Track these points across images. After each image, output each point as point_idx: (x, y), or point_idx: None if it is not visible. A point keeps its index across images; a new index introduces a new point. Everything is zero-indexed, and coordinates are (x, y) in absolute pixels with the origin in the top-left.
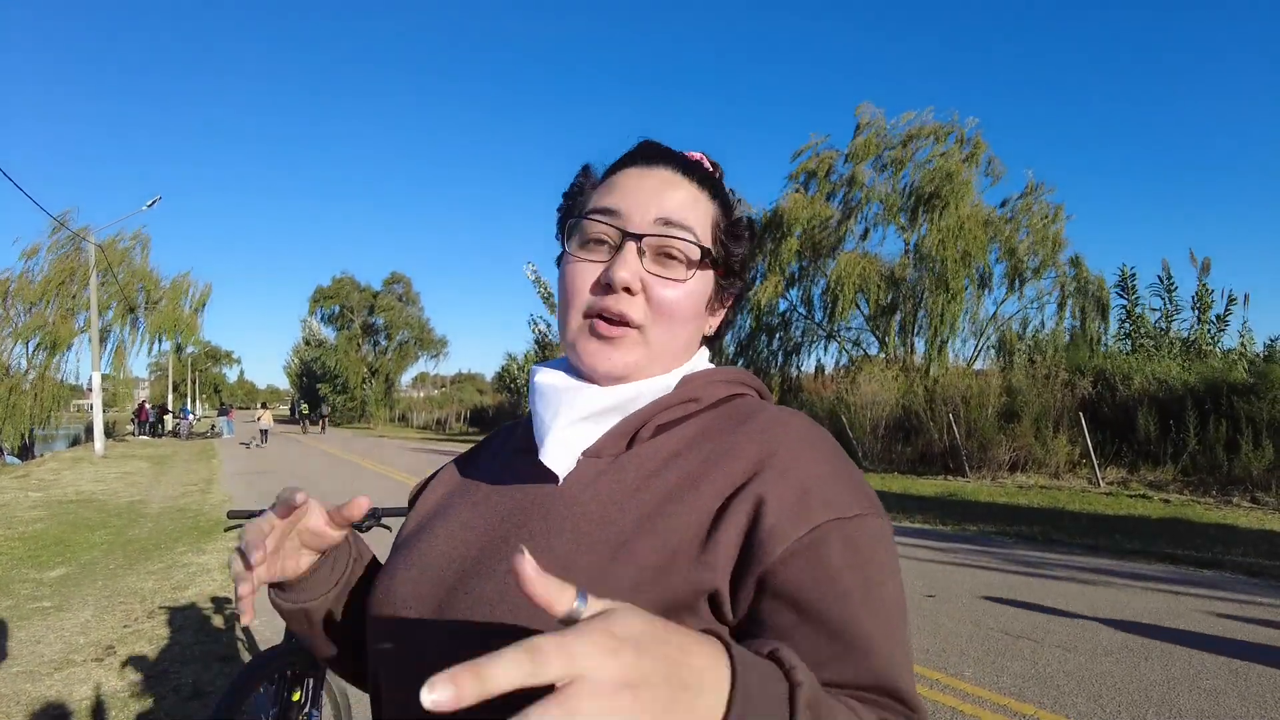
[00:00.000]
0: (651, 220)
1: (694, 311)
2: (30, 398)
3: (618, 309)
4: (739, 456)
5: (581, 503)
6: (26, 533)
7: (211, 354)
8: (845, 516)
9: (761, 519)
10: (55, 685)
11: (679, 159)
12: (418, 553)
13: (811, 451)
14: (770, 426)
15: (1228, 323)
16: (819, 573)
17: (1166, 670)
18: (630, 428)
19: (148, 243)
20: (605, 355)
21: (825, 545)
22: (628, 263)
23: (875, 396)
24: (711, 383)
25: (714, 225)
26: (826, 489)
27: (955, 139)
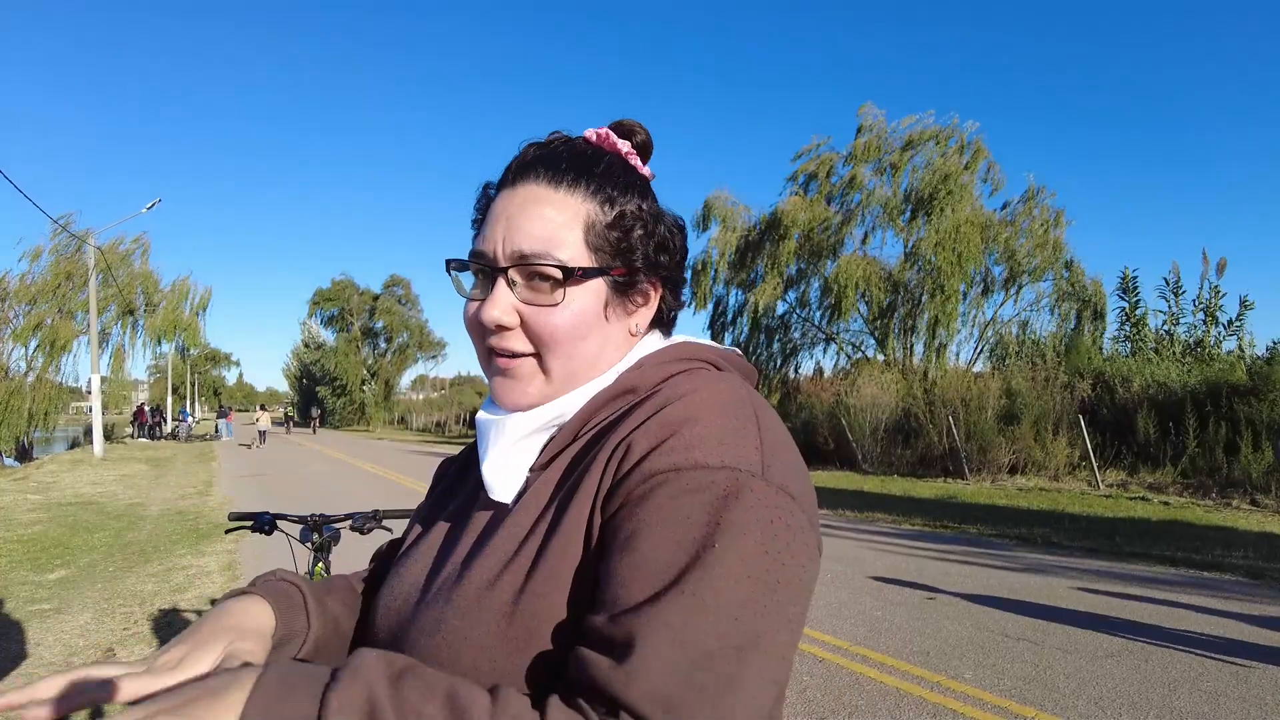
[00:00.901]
0: (509, 253)
1: (582, 329)
2: (29, 399)
3: (501, 345)
4: (629, 423)
5: (513, 515)
6: (26, 535)
7: (211, 356)
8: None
9: (620, 467)
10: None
11: (546, 166)
12: (396, 576)
13: (693, 405)
14: (673, 389)
15: (1240, 325)
16: (628, 526)
17: (1167, 672)
18: (570, 432)
19: (148, 246)
20: (508, 389)
21: (647, 498)
22: (497, 300)
23: (875, 399)
24: (650, 367)
25: (587, 229)
26: (681, 440)
27: (955, 143)
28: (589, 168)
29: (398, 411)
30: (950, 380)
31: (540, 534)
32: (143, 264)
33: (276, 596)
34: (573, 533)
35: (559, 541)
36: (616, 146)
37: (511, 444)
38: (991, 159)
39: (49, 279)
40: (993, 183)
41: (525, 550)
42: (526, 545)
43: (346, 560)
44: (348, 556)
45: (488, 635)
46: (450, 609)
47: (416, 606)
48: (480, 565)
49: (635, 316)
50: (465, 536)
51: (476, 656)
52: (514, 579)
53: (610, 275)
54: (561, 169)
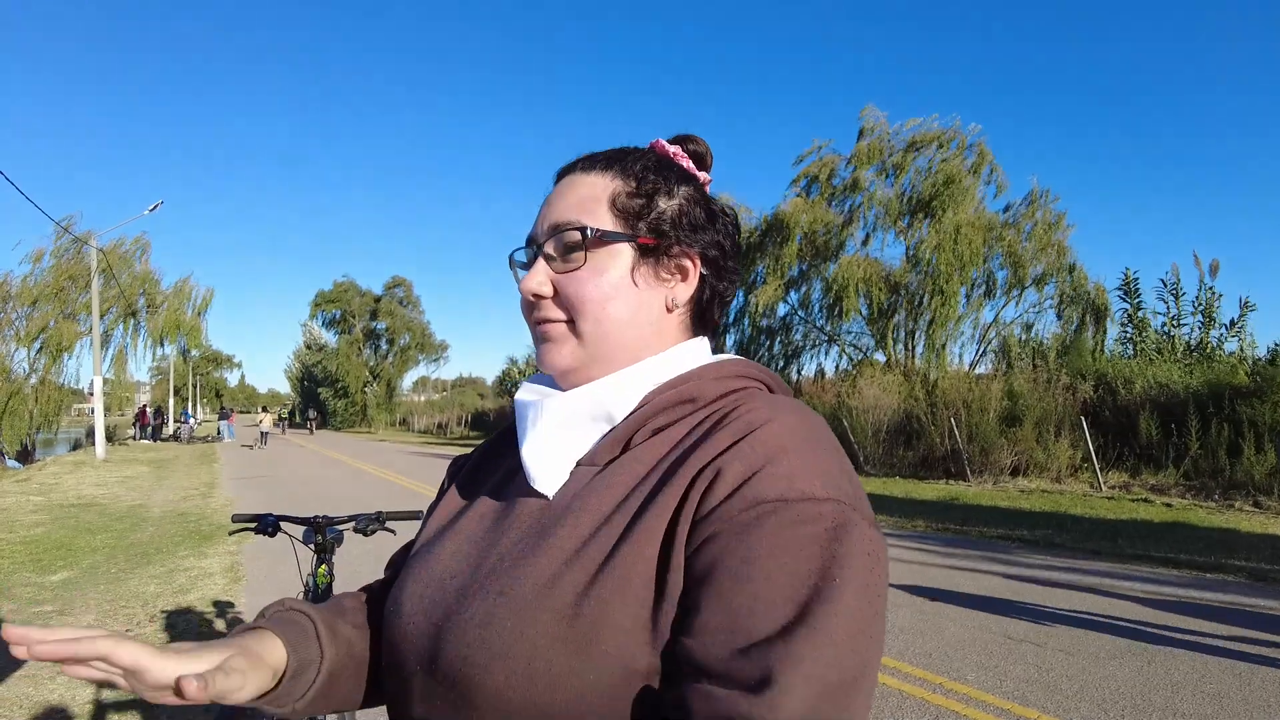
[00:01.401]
0: (546, 228)
1: (608, 289)
2: (31, 401)
3: (537, 315)
4: (713, 445)
5: (573, 514)
6: (28, 537)
7: (213, 358)
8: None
9: (706, 500)
10: (58, 689)
11: (585, 160)
12: (425, 566)
13: (785, 432)
14: (753, 413)
15: (1242, 327)
16: (735, 555)
17: (1169, 674)
18: (626, 432)
19: (147, 247)
20: (546, 352)
21: (756, 526)
22: (534, 272)
23: (876, 400)
24: (710, 379)
25: (611, 200)
26: (781, 468)
27: (958, 145)
28: (622, 156)
29: (399, 413)
30: (952, 382)
31: (608, 538)
32: (143, 265)
33: (286, 627)
34: (645, 544)
35: (630, 549)
36: (664, 148)
37: (553, 429)
38: (994, 162)
39: (51, 281)
40: (995, 185)
41: (589, 552)
42: (590, 547)
43: (350, 562)
44: (351, 558)
45: (544, 635)
46: (504, 603)
47: (460, 597)
48: (536, 561)
49: (672, 290)
50: (508, 527)
51: (531, 654)
52: (576, 580)
53: (635, 241)
54: (597, 159)
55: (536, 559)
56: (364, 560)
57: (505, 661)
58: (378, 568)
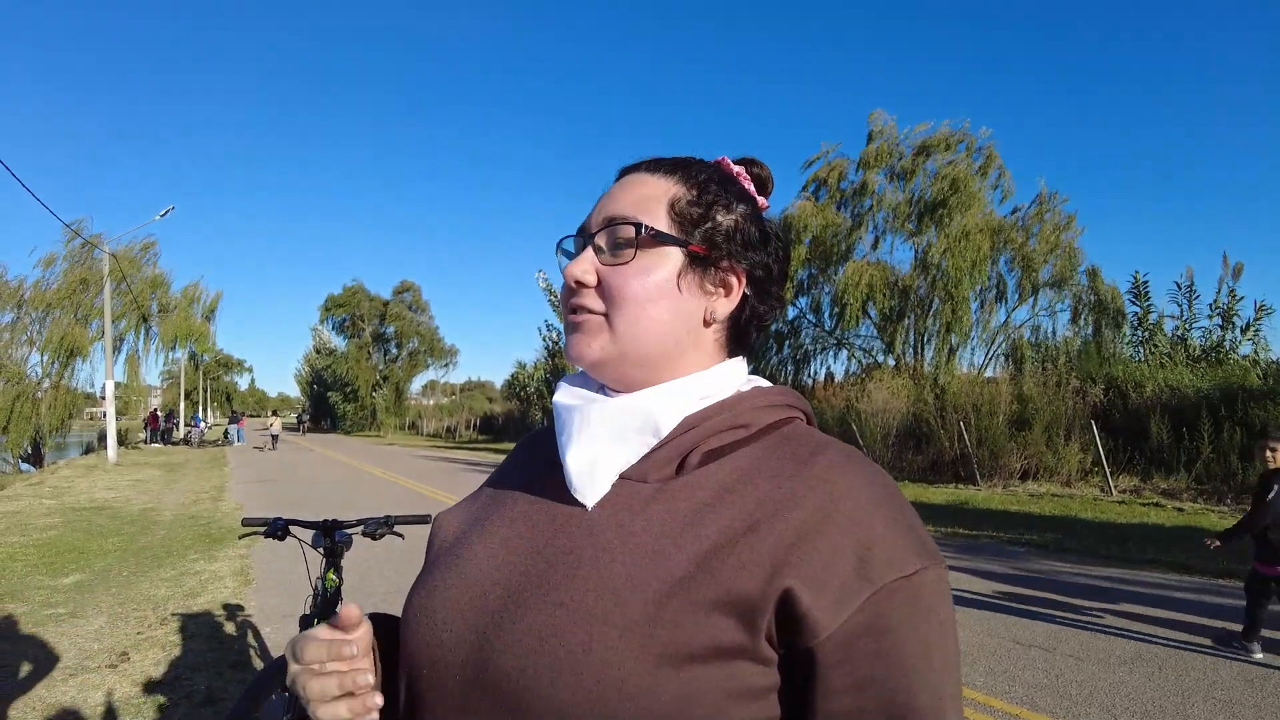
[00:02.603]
0: (600, 220)
1: (651, 291)
2: (44, 405)
3: (574, 301)
4: (799, 506)
5: (633, 532)
6: (41, 540)
7: (223, 362)
8: (907, 574)
9: (826, 578)
10: (69, 691)
11: (650, 162)
12: (456, 571)
13: (873, 502)
14: (832, 473)
15: (1256, 330)
16: (880, 643)
17: (1180, 680)
18: (677, 453)
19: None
20: (575, 343)
21: (887, 609)
22: (579, 259)
23: (886, 404)
24: (760, 407)
25: (672, 203)
26: (890, 545)
27: (966, 149)
28: (688, 164)
29: (408, 417)
30: (961, 385)
31: (679, 562)
32: (153, 269)
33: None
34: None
35: (708, 579)
36: (729, 165)
37: (599, 439)
38: (1002, 165)
39: (65, 285)
40: (1004, 189)
41: (658, 570)
42: (660, 566)
43: (358, 566)
44: (360, 562)
45: (615, 649)
46: (566, 615)
47: (510, 605)
48: (599, 574)
49: (713, 303)
50: (554, 535)
51: (603, 669)
52: (644, 595)
53: (687, 247)
54: (663, 163)
55: (597, 570)
56: (373, 564)
57: (574, 676)
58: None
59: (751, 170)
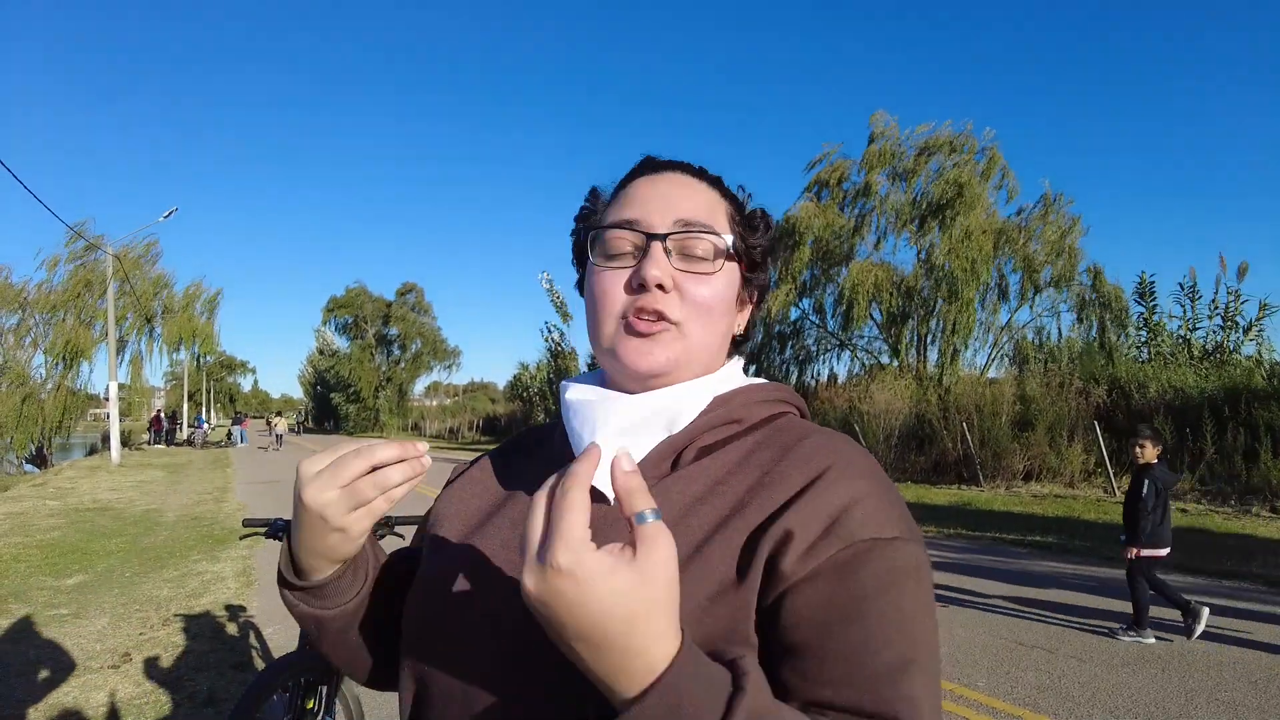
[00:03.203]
0: (671, 222)
1: (727, 306)
2: (49, 407)
3: (654, 306)
4: (784, 483)
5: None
6: (44, 540)
7: (226, 363)
8: (883, 538)
9: (795, 536)
10: (72, 692)
11: (684, 164)
12: (467, 564)
13: (855, 472)
14: (816, 452)
15: (1260, 330)
16: (845, 593)
17: (1184, 682)
18: (673, 450)
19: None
20: (646, 351)
21: (857, 565)
22: (658, 261)
23: (889, 405)
24: (753, 402)
25: (730, 219)
26: (867, 508)
27: (969, 150)
28: (717, 178)
29: (411, 418)
30: (964, 386)
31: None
32: (155, 270)
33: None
34: (715, 565)
35: (698, 569)
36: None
37: (618, 432)
38: (1006, 166)
39: (68, 287)
40: (1008, 189)
41: None
42: None
43: None
44: None
45: None
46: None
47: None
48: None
49: (741, 316)
50: None
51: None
52: None
53: (742, 266)
54: (695, 169)
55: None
56: None
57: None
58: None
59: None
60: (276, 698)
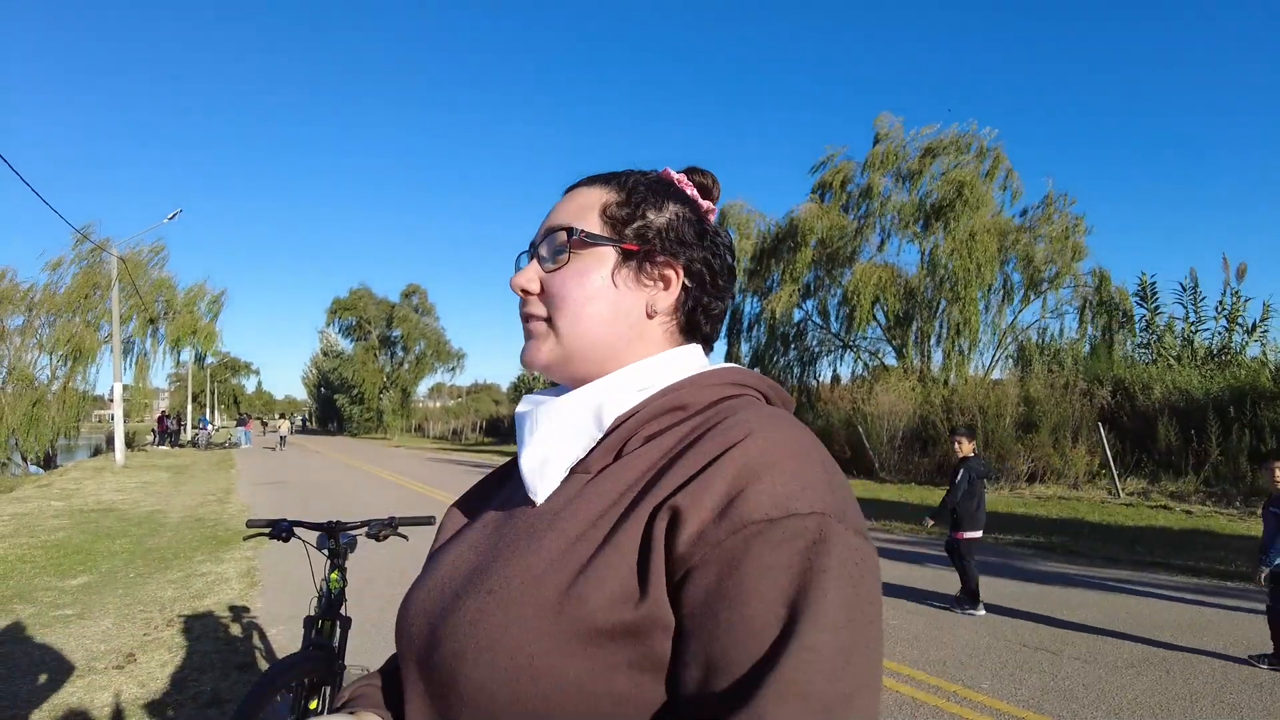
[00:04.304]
0: (540, 232)
1: (588, 290)
2: (54, 408)
3: (523, 310)
4: (693, 460)
5: (563, 518)
6: (49, 541)
7: (230, 365)
8: (773, 518)
9: (684, 521)
10: (77, 692)
11: (586, 178)
12: (430, 574)
13: (767, 447)
14: (736, 427)
15: (1264, 330)
16: (727, 582)
17: (1188, 684)
18: (619, 440)
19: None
20: (526, 350)
21: (741, 551)
22: (523, 270)
23: (892, 407)
24: (701, 386)
25: (602, 209)
26: (769, 490)
27: (975, 150)
28: (623, 174)
29: (415, 419)
30: (968, 388)
31: (592, 541)
32: (160, 272)
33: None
34: (627, 549)
35: (612, 554)
36: (670, 174)
37: (547, 435)
38: (1010, 166)
39: (73, 289)
40: (1011, 190)
41: (575, 553)
42: (577, 549)
43: (363, 567)
44: (364, 563)
45: (528, 629)
46: (491, 600)
47: (455, 598)
48: (524, 560)
49: (653, 296)
50: (507, 533)
51: (515, 649)
52: (559, 580)
53: (619, 246)
54: (600, 176)
55: (524, 558)
56: (377, 566)
57: (491, 655)
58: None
59: (694, 178)
60: (280, 699)
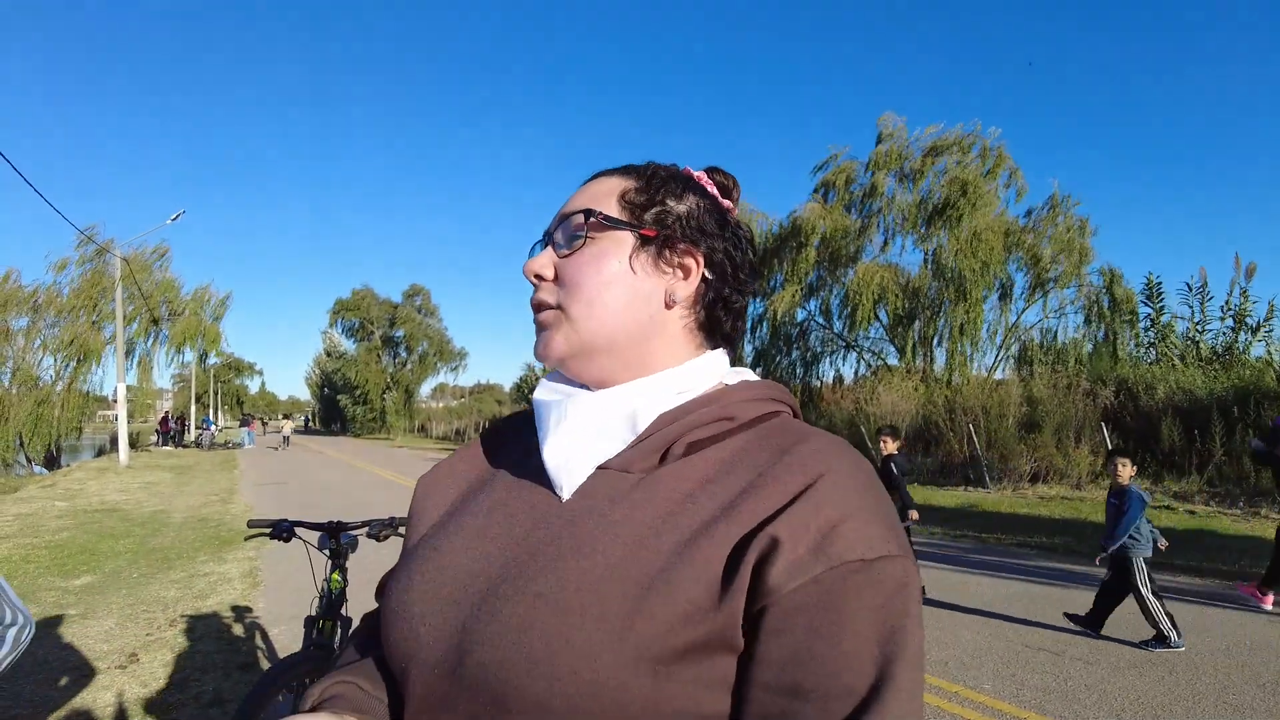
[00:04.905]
0: (555, 219)
1: (605, 275)
2: (58, 408)
3: (534, 299)
4: (777, 488)
5: (613, 522)
6: (53, 541)
7: (234, 365)
8: (868, 559)
9: (780, 551)
10: (80, 692)
11: (605, 169)
12: (433, 562)
13: (850, 484)
14: (812, 458)
15: (1269, 330)
16: (823, 619)
17: (1192, 685)
18: (662, 443)
19: (166, 252)
20: (542, 342)
21: (839, 588)
22: (537, 255)
23: (895, 407)
24: (747, 400)
25: (619, 195)
26: (858, 528)
27: (978, 150)
28: (644, 165)
29: (418, 419)
30: (971, 388)
31: (657, 551)
32: (163, 273)
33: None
34: (705, 568)
35: (686, 569)
36: (690, 171)
37: (575, 431)
38: (1014, 166)
39: (78, 290)
40: (1016, 189)
41: (639, 562)
42: (640, 557)
43: (365, 567)
44: (365, 563)
45: (592, 642)
46: (544, 606)
47: (489, 598)
48: (579, 564)
49: (671, 284)
50: (533, 527)
51: (577, 663)
52: (625, 589)
53: (637, 230)
54: (619, 167)
55: (577, 560)
56: (378, 566)
57: (549, 667)
58: None
59: (714, 177)
60: (282, 698)
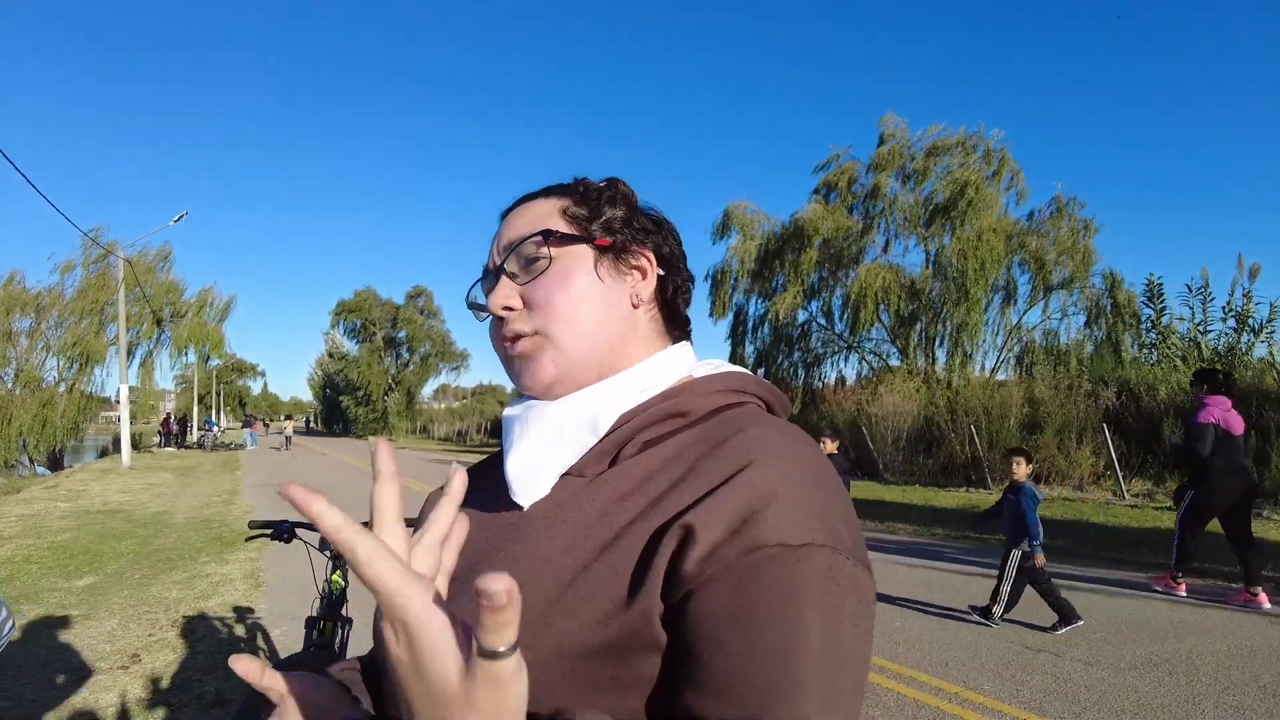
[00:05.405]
0: (502, 250)
1: (578, 289)
2: (61, 410)
3: (509, 331)
4: (703, 479)
5: (555, 524)
6: (56, 542)
7: (236, 366)
8: (791, 544)
9: (696, 539)
10: (82, 692)
11: (523, 196)
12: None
13: (780, 466)
14: (745, 445)
15: (1271, 331)
16: (740, 601)
17: (1192, 686)
18: (614, 445)
19: (169, 254)
20: (526, 372)
21: (757, 572)
22: (498, 289)
23: (896, 408)
24: (705, 393)
25: (561, 212)
26: (782, 509)
27: (980, 151)
28: (561, 185)
29: (420, 421)
30: (973, 389)
31: (582, 551)
32: (166, 275)
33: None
34: (621, 564)
35: (604, 568)
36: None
37: (538, 441)
38: (1016, 168)
39: (81, 292)
40: (1017, 191)
41: (565, 561)
42: (568, 557)
43: None
44: None
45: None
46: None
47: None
48: (509, 567)
49: (634, 286)
50: (492, 536)
51: None
52: (547, 587)
53: (593, 241)
54: (539, 191)
55: (514, 564)
56: None
57: None
58: None
59: (619, 187)
60: None
